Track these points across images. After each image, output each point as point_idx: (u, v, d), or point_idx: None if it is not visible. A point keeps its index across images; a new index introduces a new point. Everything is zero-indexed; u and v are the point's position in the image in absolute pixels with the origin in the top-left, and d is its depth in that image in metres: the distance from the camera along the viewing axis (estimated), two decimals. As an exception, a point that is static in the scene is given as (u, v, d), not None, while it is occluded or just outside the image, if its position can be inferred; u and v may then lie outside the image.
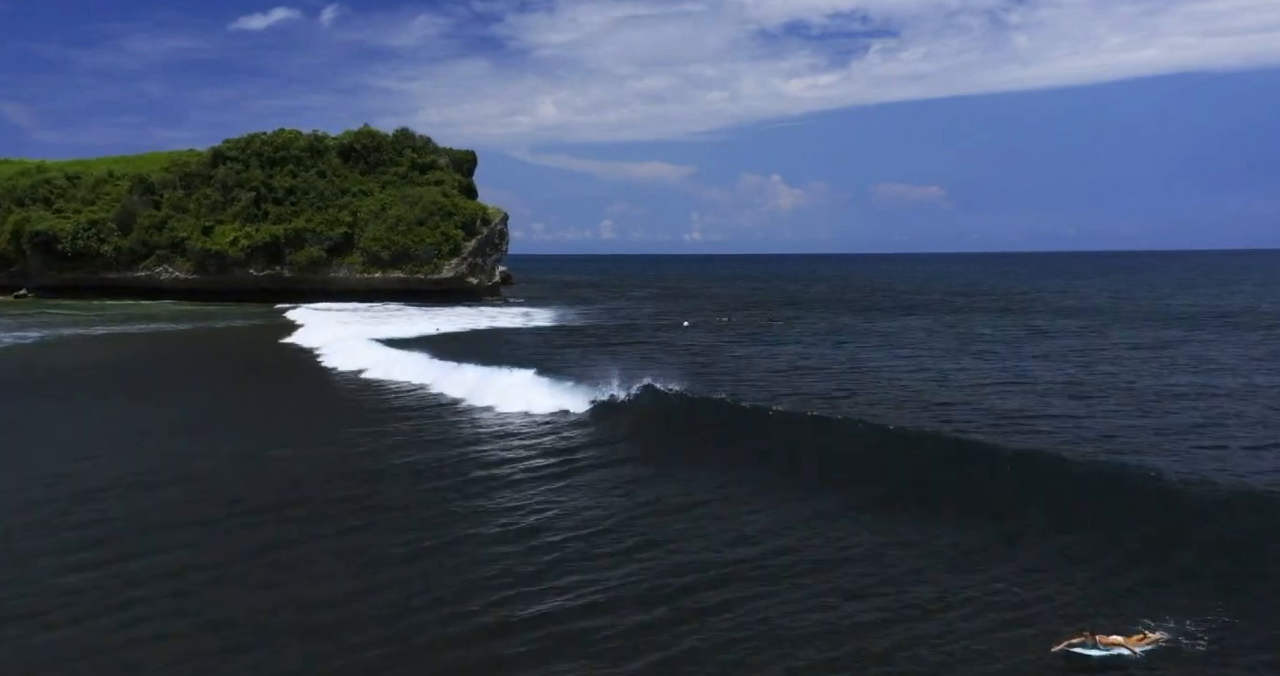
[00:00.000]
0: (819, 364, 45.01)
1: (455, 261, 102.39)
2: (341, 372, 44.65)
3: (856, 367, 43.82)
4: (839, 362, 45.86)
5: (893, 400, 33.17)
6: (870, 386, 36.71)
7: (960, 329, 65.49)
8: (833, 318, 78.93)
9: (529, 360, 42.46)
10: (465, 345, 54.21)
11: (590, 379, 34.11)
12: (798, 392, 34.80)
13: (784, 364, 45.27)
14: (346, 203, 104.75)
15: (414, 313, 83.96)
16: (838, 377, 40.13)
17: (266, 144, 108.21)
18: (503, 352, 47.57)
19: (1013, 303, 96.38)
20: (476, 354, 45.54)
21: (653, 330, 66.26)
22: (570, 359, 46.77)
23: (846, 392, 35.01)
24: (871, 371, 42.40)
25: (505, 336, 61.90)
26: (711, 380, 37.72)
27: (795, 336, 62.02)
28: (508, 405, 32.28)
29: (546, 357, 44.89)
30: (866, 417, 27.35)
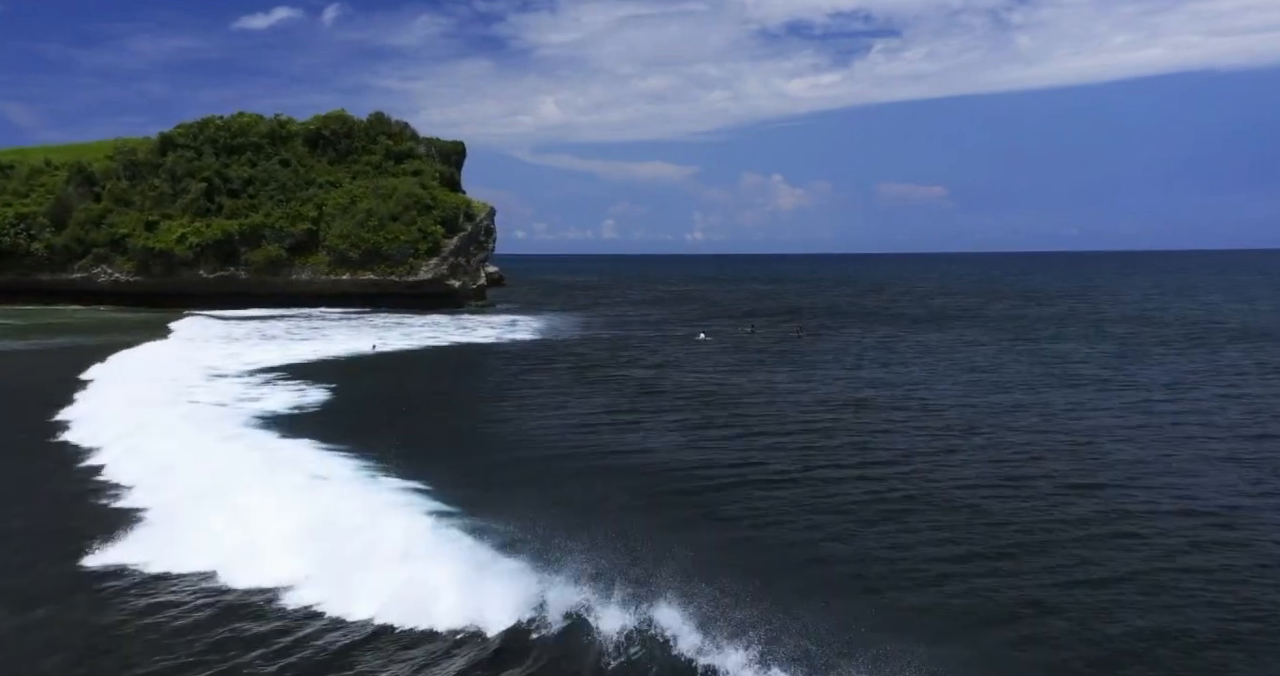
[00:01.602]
0: (900, 401, 31.51)
1: (434, 262, 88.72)
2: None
3: (943, 405, 30.94)
4: (917, 397, 33.45)
5: (1065, 480, 19.91)
6: (1012, 456, 23.18)
7: (1030, 343, 52.22)
8: (868, 328, 65.59)
9: (452, 437, 29.05)
10: (374, 380, 40.56)
11: (538, 519, 16.65)
12: (948, 478, 21.38)
13: (847, 398, 31.87)
14: (311, 195, 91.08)
15: (361, 324, 69.54)
16: (949, 428, 27.02)
17: (222, 129, 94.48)
18: (420, 409, 33.31)
19: (1067, 309, 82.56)
20: (361, 408, 32.22)
21: (658, 344, 52.58)
22: (531, 426, 33.03)
23: (1003, 472, 21.61)
24: (972, 412, 29.41)
25: (459, 361, 48.01)
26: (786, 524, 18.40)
27: (837, 353, 48.91)
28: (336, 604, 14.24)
29: (490, 427, 30.68)
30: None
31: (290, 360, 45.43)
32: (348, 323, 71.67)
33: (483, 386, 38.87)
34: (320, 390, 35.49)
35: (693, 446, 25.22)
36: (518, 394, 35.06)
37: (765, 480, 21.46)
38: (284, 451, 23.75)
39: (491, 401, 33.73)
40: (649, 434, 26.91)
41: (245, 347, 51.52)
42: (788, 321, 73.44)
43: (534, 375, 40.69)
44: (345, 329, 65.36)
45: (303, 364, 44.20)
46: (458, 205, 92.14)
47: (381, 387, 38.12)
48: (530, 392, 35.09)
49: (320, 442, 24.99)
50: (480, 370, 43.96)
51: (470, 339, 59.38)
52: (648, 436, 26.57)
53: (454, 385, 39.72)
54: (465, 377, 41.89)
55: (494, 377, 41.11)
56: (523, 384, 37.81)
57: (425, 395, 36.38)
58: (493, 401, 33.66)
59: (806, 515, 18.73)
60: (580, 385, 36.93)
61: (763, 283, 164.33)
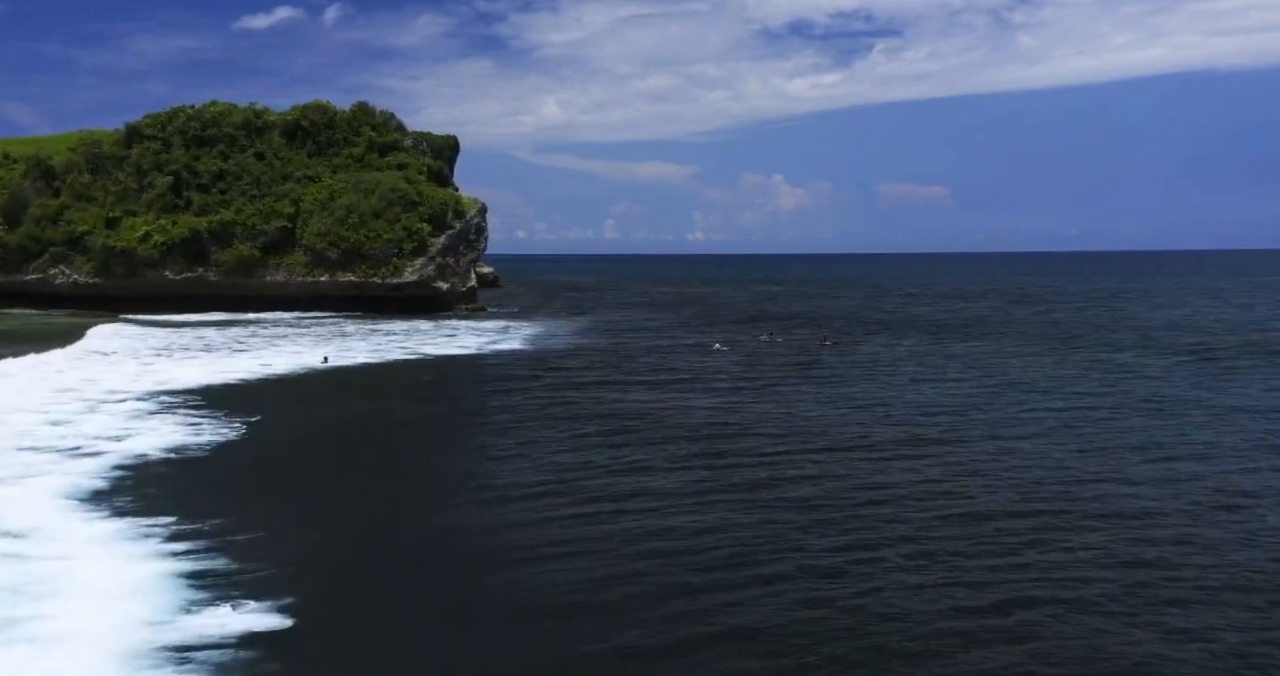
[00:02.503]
0: (968, 437, 24.27)
1: (420, 262, 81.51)
2: None
3: (1023, 444, 24.09)
4: (987, 430, 26.49)
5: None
6: (1163, 529, 15.89)
7: (1082, 355, 45.36)
8: (894, 336, 58.60)
9: (364, 517, 21.96)
10: (302, 408, 33.05)
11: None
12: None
13: (900, 432, 24.79)
14: (288, 190, 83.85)
15: (331, 331, 62.12)
16: (1044, 480, 20.14)
17: (193, 119, 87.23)
18: (338, 459, 26.10)
19: (1107, 315, 75.34)
20: (258, 454, 25.39)
21: (663, 357, 45.39)
22: (484, 493, 25.74)
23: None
24: (1064, 453, 22.71)
25: (423, 380, 40.67)
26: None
27: (869, 368, 42.17)
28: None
29: (426, 493, 23.35)
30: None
31: (214, 379, 38.19)
32: (317, 329, 64.47)
33: (438, 420, 31.42)
34: (223, 422, 28.26)
35: (704, 526, 17.93)
36: (480, 433, 27.92)
37: (809, 596, 14.27)
38: (66, 543, 15.89)
39: (442, 444, 26.66)
40: (641, 506, 19.55)
41: (166, 362, 44.09)
42: (802, 326, 66.29)
43: (510, 400, 33.53)
44: (309, 337, 58.23)
45: (227, 384, 36.96)
46: (446, 201, 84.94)
47: (306, 419, 30.64)
48: (496, 431, 27.84)
49: (151, 523, 17.45)
50: (445, 393, 36.82)
51: (449, 349, 52.23)
52: (640, 512, 19.12)
53: (400, 416, 31.69)
54: (420, 404, 34.39)
55: (459, 404, 33.97)
56: (491, 416, 30.63)
57: (356, 432, 28.61)
58: (444, 444, 26.59)
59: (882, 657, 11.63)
60: (562, 419, 29.59)
61: (767, 284, 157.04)
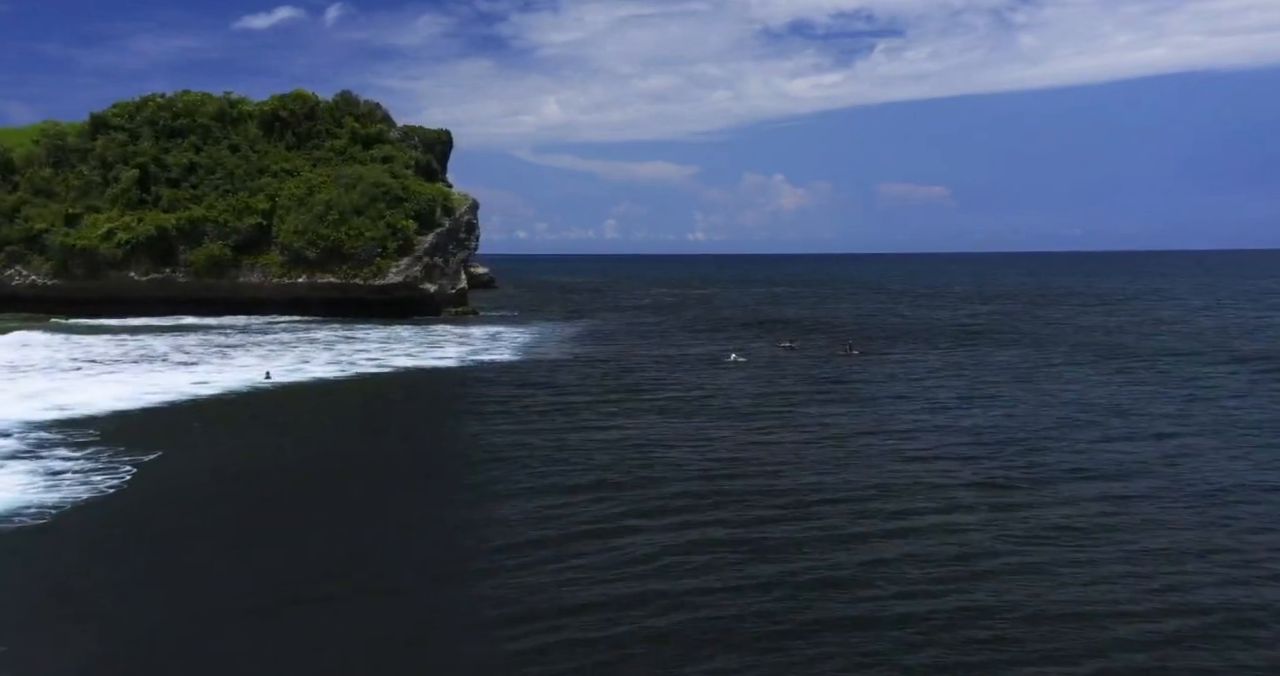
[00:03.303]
0: (1055, 478, 17.99)
1: (405, 262, 74.99)
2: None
3: (1132, 485, 18.48)
4: (1077, 469, 20.39)
5: None
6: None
7: (1141, 366, 39.02)
8: (922, 344, 52.53)
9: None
10: (215, 443, 26.91)
11: None
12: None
13: (965, 474, 18.31)
14: (263, 185, 77.35)
15: (298, 339, 55.31)
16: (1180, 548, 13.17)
17: (163, 109, 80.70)
18: (224, 531, 19.81)
19: (1149, 321, 68.78)
20: (117, 522, 19.70)
21: (669, 369, 38.91)
22: (408, 598, 18.95)
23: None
24: (1191, 505, 16.30)
25: (381, 403, 34.08)
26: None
27: (905, 383, 36.11)
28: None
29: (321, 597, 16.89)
30: None
31: (131, 401, 31.79)
32: (283, 336, 57.83)
33: (380, 463, 24.45)
34: (102, 467, 21.91)
35: (733, 613, 11.54)
36: (433, 483, 21.46)
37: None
38: None
39: (377, 501, 20.08)
40: (643, 599, 13.21)
41: (81, 379, 37.52)
42: (819, 331, 59.75)
43: (484, 431, 27.02)
44: (271, 345, 51.68)
45: (144, 409, 30.57)
46: (433, 197, 78.46)
47: (212, 461, 23.94)
48: (454, 481, 21.44)
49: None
50: (403, 420, 30.23)
51: (426, 361, 45.67)
52: (641, 609, 12.85)
53: (332, 457, 24.82)
54: (367, 438, 27.56)
55: (415, 438, 27.34)
56: (455, 456, 24.18)
57: (266, 481, 22.04)
58: (378, 502, 20.02)
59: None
60: (546, 459, 23.10)
61: (772, 285, 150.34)
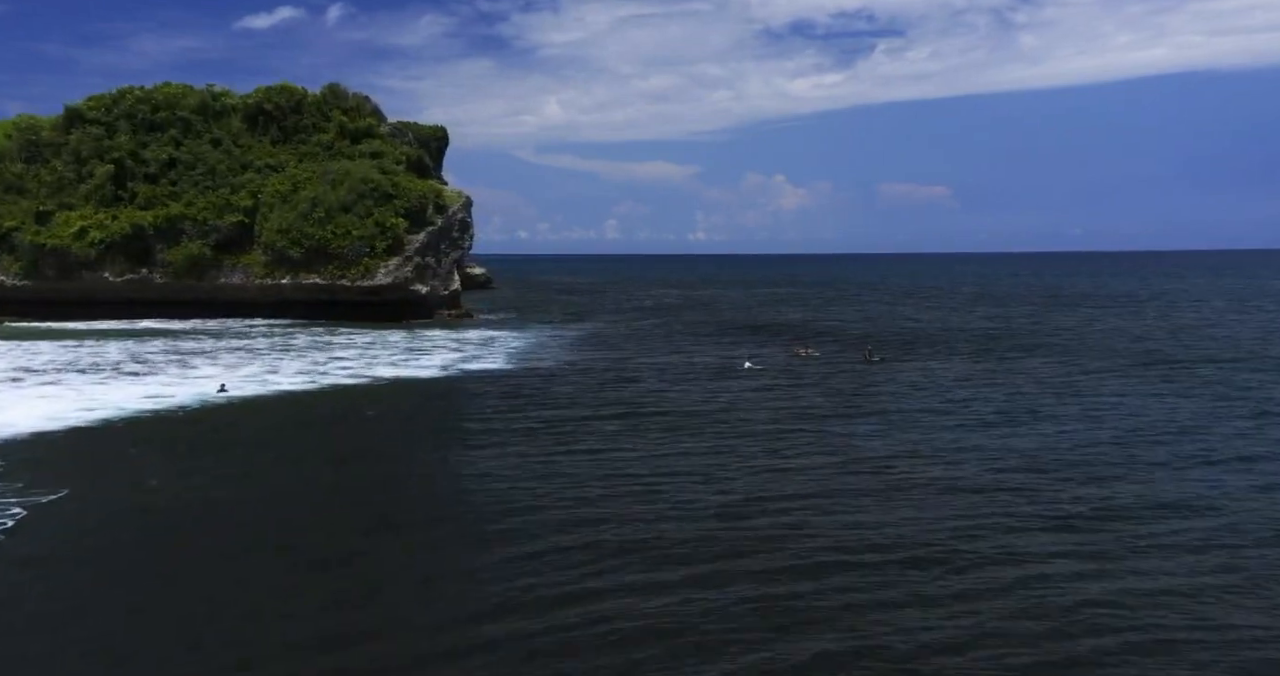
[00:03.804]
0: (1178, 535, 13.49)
1: (395, 262, 70.81)
2: None
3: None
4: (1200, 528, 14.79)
5: None
6: None
7: (1190, 375, 34.68)
8: (943, 350, 48.72)
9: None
10: (133, 476, 22.38)
11: None
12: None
13: (1043, 525, 14.00)
14: (246, 181, 73.23)
15: (273, 344, 50.77)
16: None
17: (142, 101, 76.60)
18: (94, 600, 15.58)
19: (1183, 325, 64.64)
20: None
21: (675, 380, 34.77)
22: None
23: None
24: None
25: (341, 424, 29.69)
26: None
27: (938, 396, 32.12)
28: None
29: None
30: None
31: (62, 419, 27.94)
32: (258, 342, 53.57)
33: (328, 503, 20.27)
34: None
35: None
36: (380, 537, 17.21)
37: None
38: None
39: (312, 559, 15.92)
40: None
41: (7, 392, 33.38)
42: (832, 335, 55.60)
43: (455, 462, 22.93)
44: (242, 352, 47.54)
45: (73, 429, 26.58)
46: (425, 193, 74.32)
47: (128, 501, 19.76)
48: (405, 532, 17.26)
49: None
50: (365, 446, 25.94)
51: (409, 370, 41.49)
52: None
53: (273, 501, 20.32)
54: (319, 469, 23.19)
55: (377, 468, 23.11)
56: (408, 499, 20.02)
57: (184, 537, 17.81)
58: (313, 561, 15.86)
59: None
60: (518, 502, 18.95)
61: (776, 286, 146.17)
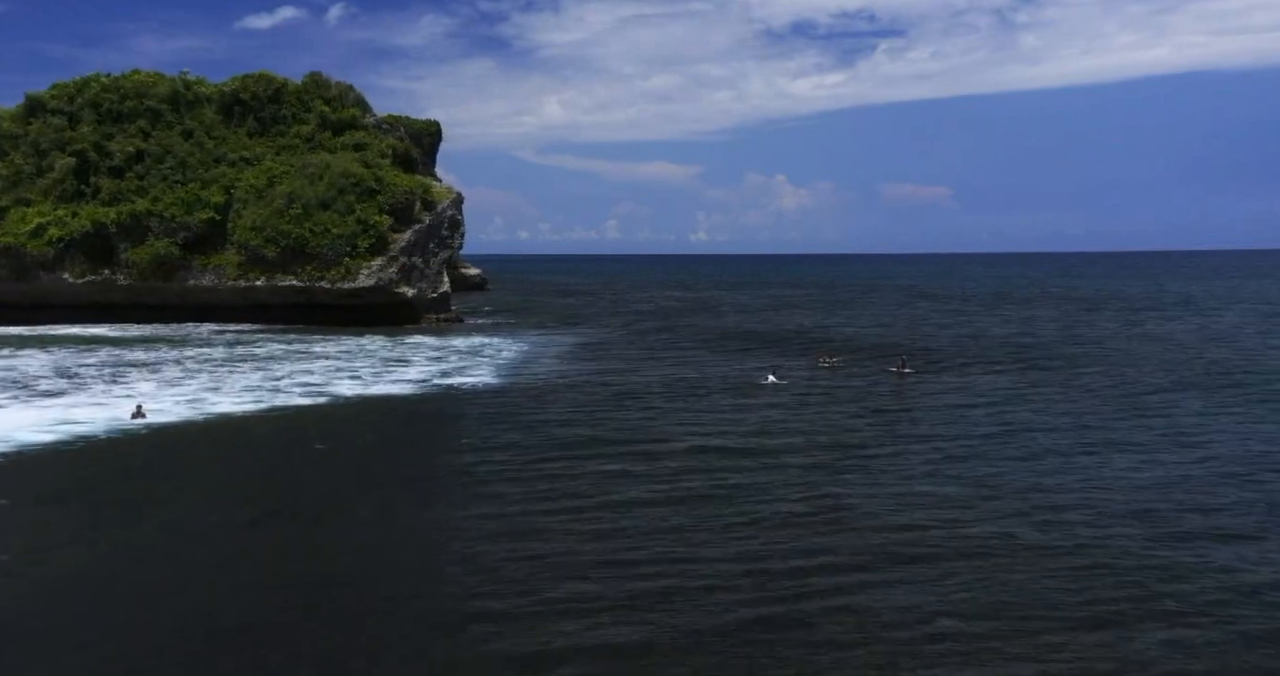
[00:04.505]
0: None
1: (379, 262, 65.12)
2: None
3: None
4: None
5: None
6: None
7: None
8: (987, 364, 42.66)
9: None
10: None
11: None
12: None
13: None
14: (219, 175, 67.62)
15: (229, 355, 43.59)
16: None
17: (108, 90, 70.95)
18: None
19: (1258, 338, 58.91)
20: None
21: (684, 399, 29.10)
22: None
23: None
24: None
25: (267, 461, 23.54)
26: None
27: (1003, 421, 25.95)
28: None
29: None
30: None
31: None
32: (217, 351, 47.52)
33: (229, 590, 14.82)
34: None
35: None
36: (284, 641, 11.56)
37: None
38: None
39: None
40: None
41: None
42: (853, 341, 49.84)
43: (409, 525, 17.16)
44: (192, 364, 41.72)
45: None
46: (411, 189, 68.64)
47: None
48: (323, 636, 11.63)
49: None
50: (293, 493, 20.13)
51: (380, 386, 35.72)
52: None
53: (117, 583, 15.06)
54: (224, 532, 17.35)
55: (298, 529, 17.34)
56: (334, 586, 14.29)
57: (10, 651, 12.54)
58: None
59: None
60: (484, 588, 13.35)
61: (782, 287, 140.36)
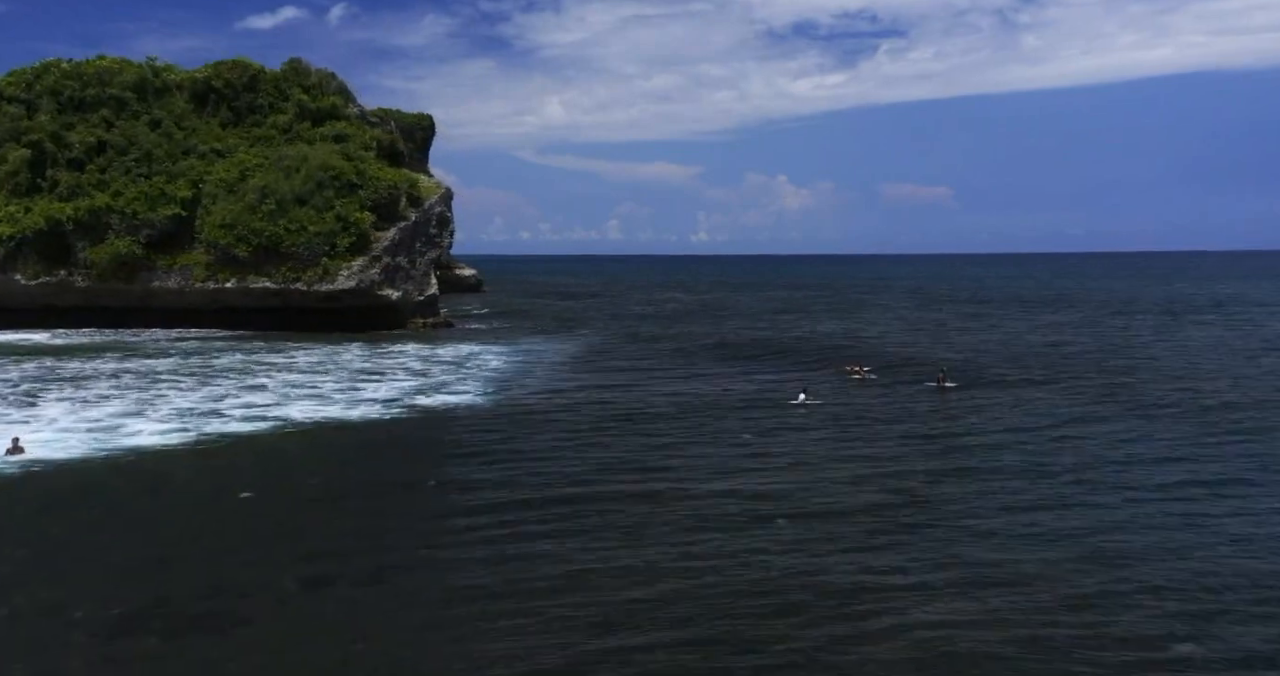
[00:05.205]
0: None
1: (360, 262, 59.62)
2: None
3: None
4: None
5: None
6: None
7: None
8: (1027, 375, 36.90)
9: None
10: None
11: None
12: None
13: None
14: (187, 168, 62.15)
15: (163, 366, 36.82)
16: None
17: (70, 76, 65.48)
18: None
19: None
20: None
21: (703, 421, 23.57)
22: None
23: None
24: None
25: (153, 525, 18.07)
26: None
27: (1093, 447, 20.25)
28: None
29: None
30: None
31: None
32: (164, 363, 41.64)
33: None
34: None
35: None
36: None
37: None
38: None
39: None
40: None
41: None
42: (871, 347, 44.27)
43: (336, 620, 11.65)
44: (128, 379, 36.11)
45: None
46: (396, 183, 63.14)
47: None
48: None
49: None
50: (178, 560, 14.56)
51: (335, 409, 30.08)
52: None
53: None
54: (68, 644, 12.08)
55: (178, 627, 11.83)
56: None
57: None
58: None
59: None
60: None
61: (787, 288, 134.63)
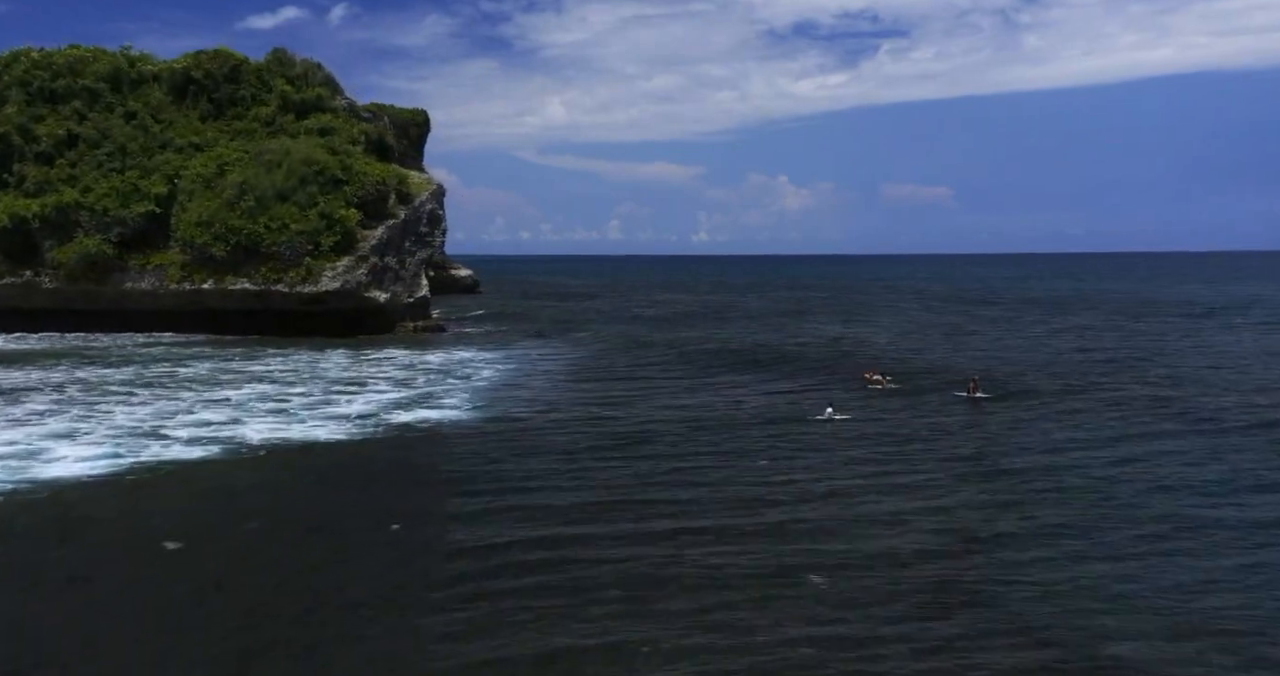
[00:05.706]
0: None
1: (345, 263, 55.88)
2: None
3: None
4: None
5: None
6: None
7: None
8: (1061, 383, 33.28)
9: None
10: None
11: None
12: None
13: None
14: (163, 163, 58.43)
15: (119, 379, 32.58)
16: None
17: (40, 66, 61.76)
18: None
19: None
20: None
21: (719, 438, 19.92)
22: None
23: None
24: None
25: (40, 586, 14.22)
26: None
27: (1160, 470, 16.73)
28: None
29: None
30: None
31: None
32: (123, 373, 37.82)
33: None
34: None
35: None
36: None
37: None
38: None
39: None
40: None
41: None
42: (883, 351, 40.55)
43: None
44: (74, 392, 32.41)
45: None
46: (385, 180, 59.44)
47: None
48: None
49: None
50: (65, 642, 10.90)
51: (298, 430, 26.37)
52: None
53: None
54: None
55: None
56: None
57: None
58: None
59: None
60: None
61: (791, 290, 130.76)
